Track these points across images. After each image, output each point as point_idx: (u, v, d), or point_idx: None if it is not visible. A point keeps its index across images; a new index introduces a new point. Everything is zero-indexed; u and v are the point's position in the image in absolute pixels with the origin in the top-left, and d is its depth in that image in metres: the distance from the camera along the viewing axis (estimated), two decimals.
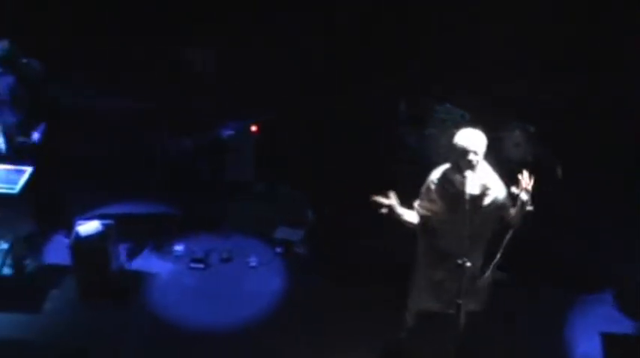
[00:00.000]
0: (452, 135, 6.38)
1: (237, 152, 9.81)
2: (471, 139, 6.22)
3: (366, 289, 8.31)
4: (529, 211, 6.28)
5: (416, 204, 6.62)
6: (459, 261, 6.11)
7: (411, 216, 6.59)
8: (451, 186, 6.36)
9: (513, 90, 9.78)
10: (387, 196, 6.44)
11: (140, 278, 8.59)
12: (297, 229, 9.34)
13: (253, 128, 9.92)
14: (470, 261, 6.13)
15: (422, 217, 6.59)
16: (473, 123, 8.86)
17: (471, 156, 6.16)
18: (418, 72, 9.86)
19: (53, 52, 9.55)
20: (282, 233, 9.26)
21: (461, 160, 6.22)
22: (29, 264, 8.57)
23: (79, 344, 7.38)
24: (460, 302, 6.22)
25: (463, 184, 6.17)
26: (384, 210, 6.42)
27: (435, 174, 6.53)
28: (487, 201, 6.35)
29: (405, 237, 7.00)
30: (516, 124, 9.36)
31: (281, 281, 8.65)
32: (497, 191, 6.39)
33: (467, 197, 6.09)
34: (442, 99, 9.43)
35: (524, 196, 6.24)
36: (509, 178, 7.92)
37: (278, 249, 9.08)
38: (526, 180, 6.24)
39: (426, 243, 6.71)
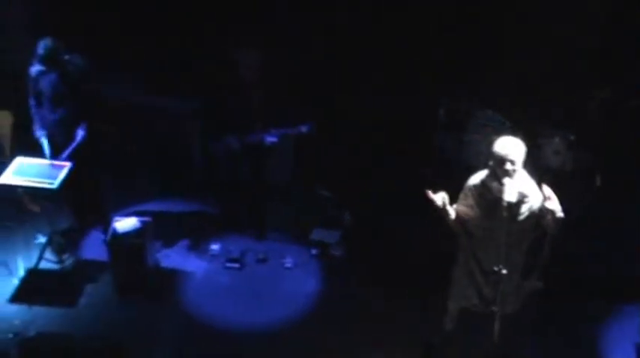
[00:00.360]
0: (491, 142, 6.34)
1: (277, 153, 9.81)
2: (510, 148, 6.18)
3: (403, 291, 8.27)
4: (561, 218, 6.21)
5: (454, 207, 6.60)
6: (495, 268, 6.08)
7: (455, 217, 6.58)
8: (488, 194, 6.33)
9: (554, 96, 9.68)
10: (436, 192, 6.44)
11: (175, 276, 8.63)
12: (333, 231, 9.33)
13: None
14: (506, 268, 6.09)
15: (460, 221, 6.57)
16: (513, 130, 8.87)
17: (509, 165, 6.12)
18: (459, 77, 9.76)
19: (97, 49, 9.63)
20: (318, 234, 9.25)
21: (499, 168, 6.19)
22: (67, 258, 8.63)
23: (114, 339, 7.40)
24: (496, 309, 6.19)
25: (500, 192, 6.14)
26: (436, 203, 6.41)
27: (473, 181, 6.50)
28: (524, 209, 6.31)
29: (442, 239, 6.99)
30: (556, 132, 9.28)
31: (316, 282, 8.64)
32: (534, 199, 6.34)
33: (504, 204, 6.05)
34: (483, 105, 9.36)
35: (550, 205, 6.18)
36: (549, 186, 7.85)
37: (314, 251, 9.07)
38: (546, 190, 6.19)
39: (466, 247, 6.69)
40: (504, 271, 6.08)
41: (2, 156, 9.32)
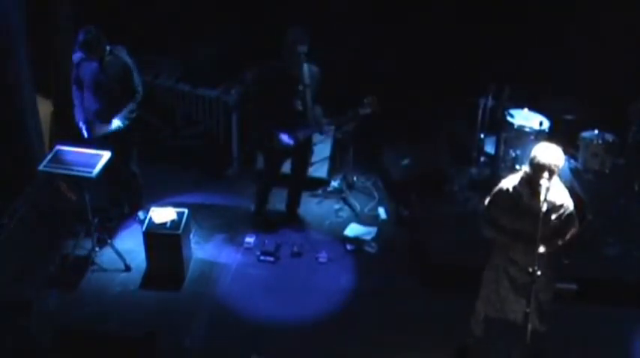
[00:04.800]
0: (526, 143, 6.29)
1: (315, 147, 9.82)
2: (548, 156, 6.11)
3: (438, 291, 8.25)
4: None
5: (487, 212, 6.56)
6: (530, 270, 6.02)
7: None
8: (519, 200, 6.28)
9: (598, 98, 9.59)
10: None
11: (210, 268, 8.66)
12: (369, 227, 9.31)
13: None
14: (540, 270, 6.04)
15: (493, 225, 6.51)
16: (550, 133, 8.79)
17: (545, 173, 6.06)
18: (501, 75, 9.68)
19: (142, 39, 9.76)
20: (353, 230, 9.24)
21: (534, 174, 6.13)
22: (103, 247, 8.68)
23: (147, 328, 7.44)
24: (528, 310, 6.13)
25: (532, 199, 6.10)
26: None
27: (504, 186, 6.43)
28: (554, 216, 6.26)
29: (476, 240, 6.93)
30: (594, 133, 9.17)
31: (350, 278, 8.61)
32: (565, 207, 6.29)
33: (535, 212, 6.00)
34: (520, 103, 9.27)
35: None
36: (586, 189, 7.78)
37: (349, 247, 9.05)
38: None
39: (499, 250, 6.63)
40: (539, 273, 6.02)
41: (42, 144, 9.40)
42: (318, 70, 8.46)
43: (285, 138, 8.51)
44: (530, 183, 6.20)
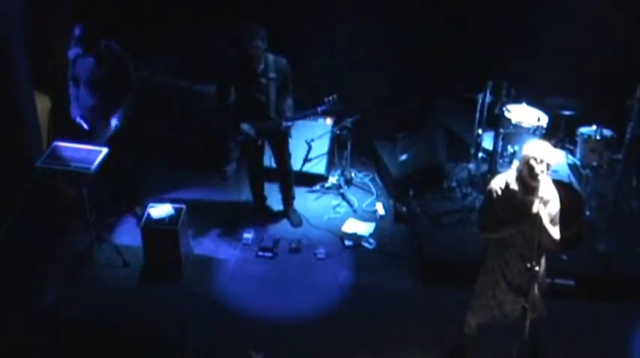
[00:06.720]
0: (524, 139, 6.27)
1: (313, 143, 9.82)
2: (541, 153, 6.12)
3: (435, 288, 8.26)
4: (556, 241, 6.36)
5: (483, 219, 6.54)
6: (528, 265, 6.03)
7: None
8: (513, 197, 6.27)
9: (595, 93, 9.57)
10: None
11: (208, 264, 8.67)
12: (367, 223, 9.32)
13: (328, 121, 9.91)
14: (537, 264, 6.05)
15: (491, 224, 6.49)
16: (548, 128, 8.76)
17: (537, 170, 6.07)
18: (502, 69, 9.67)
19: (139, 35, 9.75)
20: (351, 226, 9.24)
21: (527, 171, 6.14)
22: (102, 242, 8.69)
23: (145, 323, 7.44)
24: (526, 305, 6.13)
25: (525, 195, 6.11)
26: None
27: (497, 184, 6.40)
28: (545, 212, 6.25)
29: (474, 236, 6.92)
30: (592, 129, 9.14)
31: (348, 274, 8.61)
32: (554, 203, 6.28)
33: (530, 208, 6.02)
34: (518, 98, 9.24)
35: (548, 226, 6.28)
36: (583, 185, 7.73)
37: (347, 242, 9.05)
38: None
39: (494, 254, 6.63)
40: (537, 268, 6.04)
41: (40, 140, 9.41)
42: (286, 63, 8.51)
43: (246, 127, 8.58)
44: (523, 179, 6.20)
